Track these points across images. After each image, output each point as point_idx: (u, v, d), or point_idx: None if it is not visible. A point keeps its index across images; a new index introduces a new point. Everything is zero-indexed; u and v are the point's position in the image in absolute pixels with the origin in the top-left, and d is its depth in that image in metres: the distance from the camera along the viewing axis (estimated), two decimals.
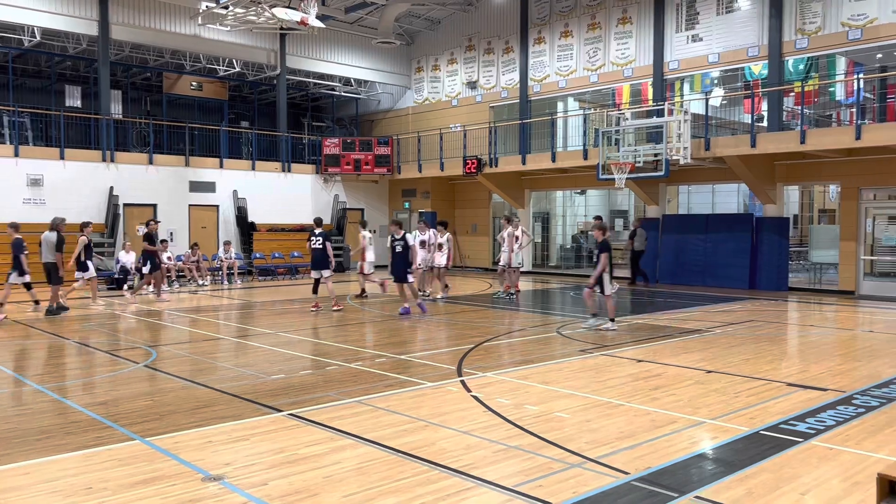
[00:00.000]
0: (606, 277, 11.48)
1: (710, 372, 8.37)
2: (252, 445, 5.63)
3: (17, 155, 20.30)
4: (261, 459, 5.28)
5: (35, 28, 21.86)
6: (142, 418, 6.41)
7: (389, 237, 13.98)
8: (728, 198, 23.98)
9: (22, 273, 13.33)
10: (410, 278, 13.69)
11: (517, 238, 17.06)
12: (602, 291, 11.58)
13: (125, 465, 5.17)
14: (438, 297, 16.48)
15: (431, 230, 16.75)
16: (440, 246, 16.55)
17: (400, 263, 13.65)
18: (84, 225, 15.53)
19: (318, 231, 14.34)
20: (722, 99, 21.63)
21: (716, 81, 21.11)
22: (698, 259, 20.04)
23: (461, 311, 14.47)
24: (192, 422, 6.31)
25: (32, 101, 24.89)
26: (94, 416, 6.52)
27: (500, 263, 17.22)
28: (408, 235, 13.70)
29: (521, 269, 17.76)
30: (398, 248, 13.64)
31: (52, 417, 6.57)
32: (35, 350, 10.37)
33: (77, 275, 15.31)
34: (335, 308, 14.09)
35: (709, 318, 13.33)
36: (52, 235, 13.81)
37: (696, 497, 4.56)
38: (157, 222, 17.19)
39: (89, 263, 15.24)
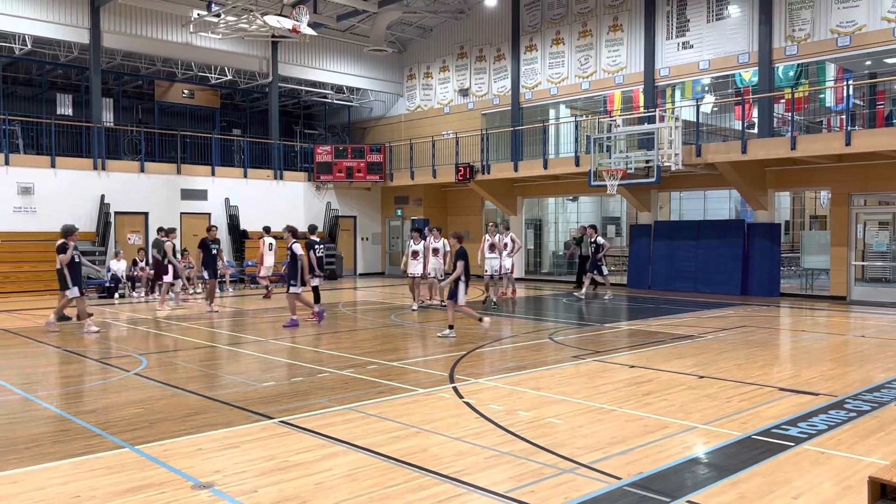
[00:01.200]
0: (462, 287, 11.58)
1: (702, 377, 8.38)
2: (243, 452, 5.59)
3: (7, 163, 20.19)
4: (251, 466, 5.24)
5: (26, 36, 21.78)
6: (132, 426, 6.36)
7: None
8: (720, 204, 24.09)
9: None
10: (296, 289, 13.08)
11: (506, 245, 16.97)
12: (453, 298, 11.62)
13: (114, 472, 5.12)
14: (416, 307, 15.82)
15: (442, 239, 16.16)
16: (414, 254, 15.84)
17: (288, 273, 13.45)
18: (169, 230, 16.98)
19: (318, 240, 14.61)
20: (713, 106, 21.75)
21: (707, 88, 21.23)
22: (690, 265, 20.08)
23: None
24: (183, 429, 6.26)
25: (23, 109, 24.79)
26: (83, 424, 6.46)
27: (487, 272, 16.91)
28: (295, 246, 13.06)
29: (514, 276, 17.73)
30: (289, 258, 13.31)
31: (41, 426, 6.52)
32: (26, 359, 10.28)
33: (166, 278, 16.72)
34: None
35: (701, 323, 13.35)
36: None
37: (689, 502, 4.55)
38: (214, 227, 16.64)
39: (170, 268, 16.41)
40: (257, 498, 4.63)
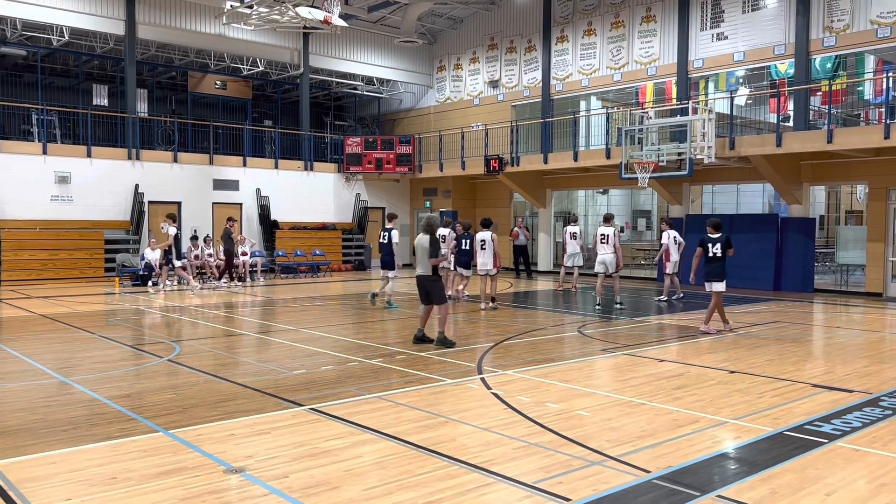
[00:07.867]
0: None
1: (733, 372, 8.29)
2: (273, 438, 5.67)
3: (45, 153, 20.61)
4: (282, 452, 5.32)
5: (63, 27, 22.17)
6: (165, 411, 6.48)
7: None
8: (753, 198, 23.69)
9: None
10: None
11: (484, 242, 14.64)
12: None
13: (149, 456, 5.23)
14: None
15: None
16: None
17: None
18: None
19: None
20: (747, 98, 21.40)
21: (741, 80, 20.88)
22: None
23: (482, 310, 14.44)
24: (215, 415, 6.37)
25: (60, 100, 25.27)
26: (118, 408, 6.60)
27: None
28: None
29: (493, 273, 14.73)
30: None
31: (77, 409, 6.66)
32: (62, 344, 10.51)
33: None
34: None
35: (732, 318, 13.17)
36: None
37: (719, 496, 4.52)
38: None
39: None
40: (288, 483, 4.69)
